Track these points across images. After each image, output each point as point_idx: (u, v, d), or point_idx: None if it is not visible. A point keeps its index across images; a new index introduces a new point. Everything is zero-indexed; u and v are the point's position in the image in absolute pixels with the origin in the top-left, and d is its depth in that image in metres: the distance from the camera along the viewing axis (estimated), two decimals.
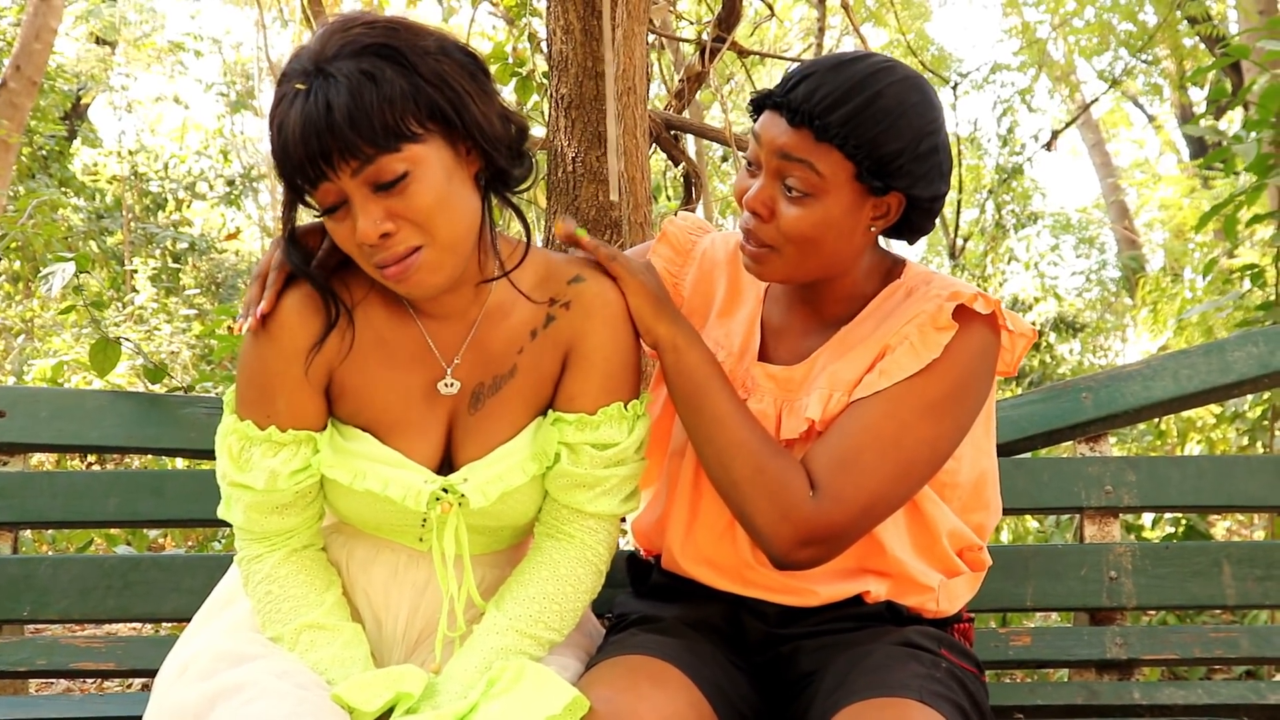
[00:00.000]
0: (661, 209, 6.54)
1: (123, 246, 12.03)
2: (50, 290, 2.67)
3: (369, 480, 1.56)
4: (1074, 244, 16.08)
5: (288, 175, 1.40)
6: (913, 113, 1.54)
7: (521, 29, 3.88)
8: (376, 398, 1.60)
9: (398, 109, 1.38)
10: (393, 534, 1.68)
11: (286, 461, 1.56)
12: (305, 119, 1.35)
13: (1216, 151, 3.98)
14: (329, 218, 1.44)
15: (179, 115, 20.49)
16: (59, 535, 4.69)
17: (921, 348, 1.57)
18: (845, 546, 1.56)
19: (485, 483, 1.59)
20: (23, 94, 10.33)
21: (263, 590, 1.62)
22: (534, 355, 1.62)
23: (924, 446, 1.56)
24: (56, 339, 8.01)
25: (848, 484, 1.52)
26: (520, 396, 1.63)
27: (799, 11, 12.93)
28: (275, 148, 1.39)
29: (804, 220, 1.56)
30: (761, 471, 1.54)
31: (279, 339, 1.54)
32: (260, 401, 1.56)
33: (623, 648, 1.66)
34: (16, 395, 2.25)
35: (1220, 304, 5.12)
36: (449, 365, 1.61)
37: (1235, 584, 2.18)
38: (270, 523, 1.61)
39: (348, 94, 1.35)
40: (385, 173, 1.38)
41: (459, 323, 1.61)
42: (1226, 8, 13.22)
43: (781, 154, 1.56)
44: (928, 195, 1.59)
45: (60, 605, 2.14)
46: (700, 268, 1.86)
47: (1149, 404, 2.25)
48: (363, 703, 1.48)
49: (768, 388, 1.70)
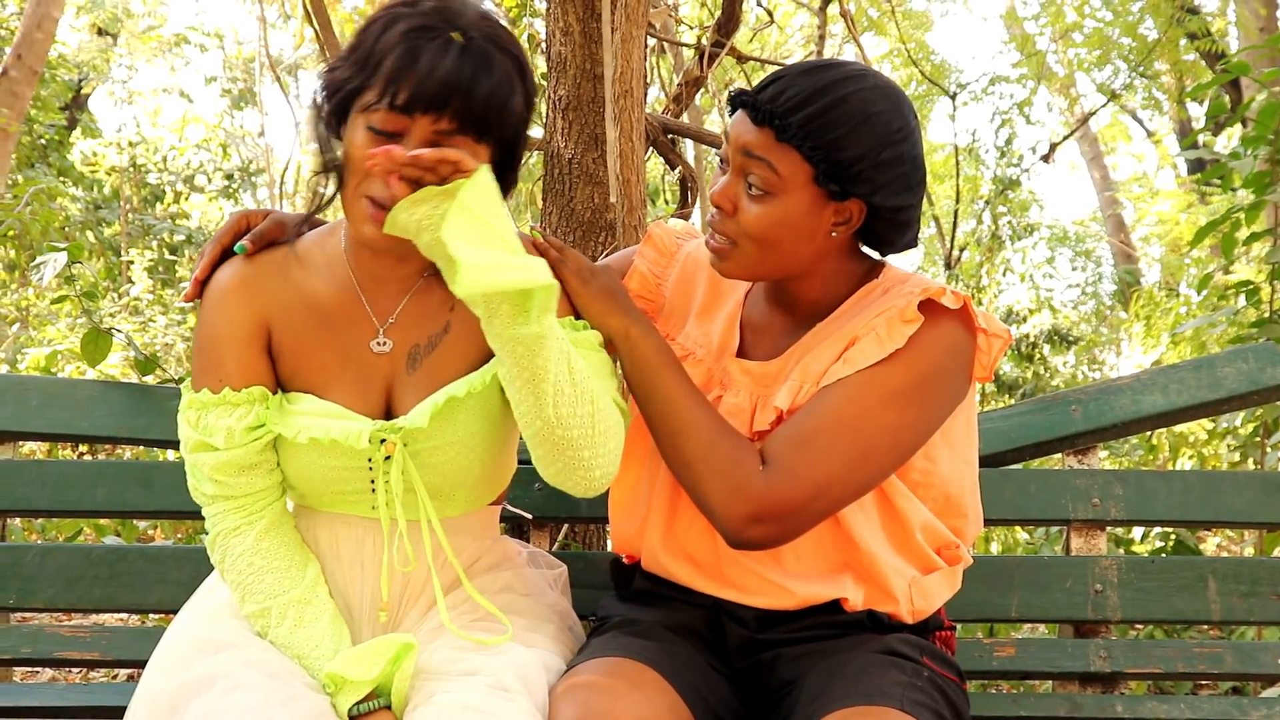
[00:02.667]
0: (659, 212, 6.55)
1: (120, 237, 12.03)
2: (43, 279, 2.67)
3: (313, 430, 1.60)
4: (1070, 256, 16.10)
5: (394, 86, 1.45)
6: (877, 120, 1.56)
7: (521, 30, 3.88)
8: (313, 356, 1.66)
9: (507, 125, 1.52)
10: (347, 505, 1.69)
11: (241, 418, 1.61)
12: (456, 70, 1.45)
13: (1214, 168, 3.99)
14: (369, 129, 1.48)
15: (179, 108, 20.50)
16: (48, 524, 4.69)
17: (886, 338, 1.58)
18: (799, 527, 1.57)
19: (423, 408, 1.62)
20: (23, 83, 10.32)
21: (244, 563, 1.64)
22: (465, 311, 1.61)
23: (884, 434, 1.57)
24: (51, 328, 8.00)
25: (800, 461, 1.54)
26: (458, 352, 1.67)
27: (800, 19, 12.93)
28: (400, 61, 1.45)
29: (763, 218, 1.59)
30: (712, 448, 1.57)
31: (221, 299, 1.64)
32: (212, 366, 1.63)
33: (601, 649, 1.67)
34: (7, 383, 2.25)
35: (1214, 320, 5.13)
36: (382, 325, 1.66)
37: (1221, 599, 2.18)
38: (239, 482, 1.64)
39: (497, 79, 1.48)
40: (454, 142, 1.47)
41: (397, 286, 1.67)
42: (1227, 24, 13.24)
43: (744, 151, 1.59)
44: (890, 205, 1.60)
45: (47, 594, 2.14)
46: (683, 270, 1.88)
47: (1138, 418, 2.25)
48: (360, 673, 1.52)
49: (743, 383, 1.71)
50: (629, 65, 2.34)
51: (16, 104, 10.24)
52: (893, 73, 14.04)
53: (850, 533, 1.65)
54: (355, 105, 1.50)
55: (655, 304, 1.88)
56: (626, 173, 2.33)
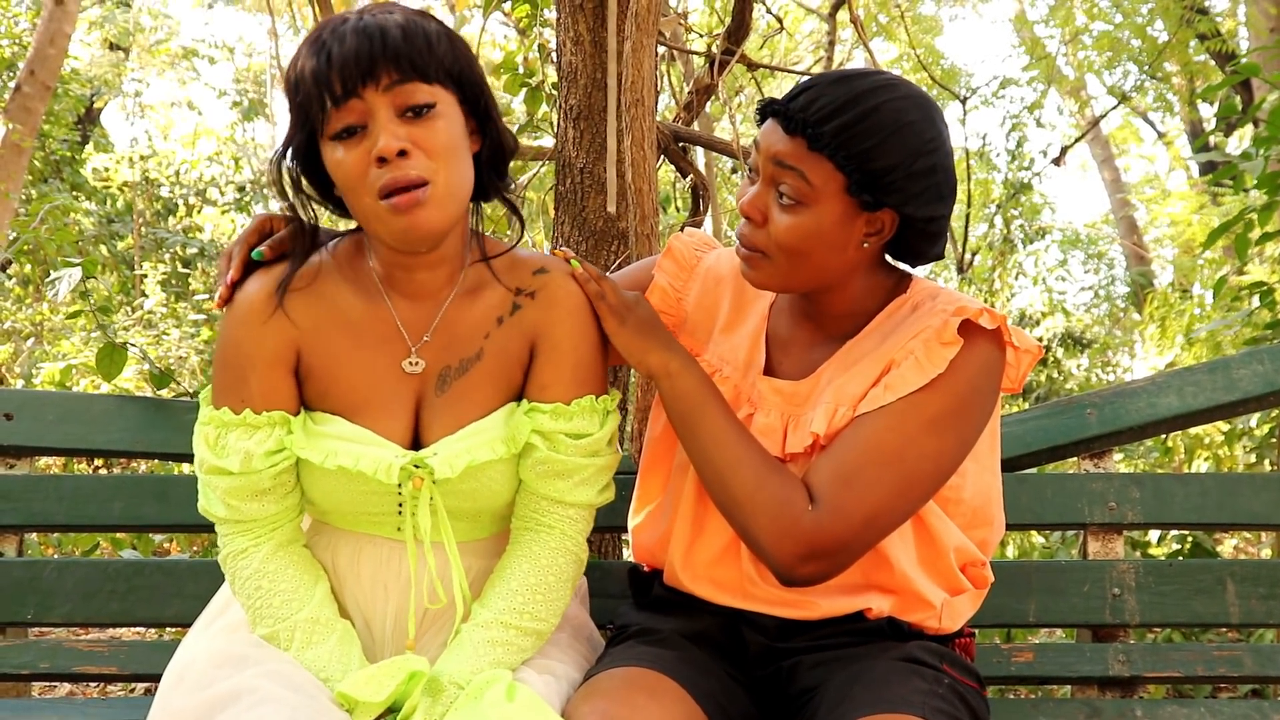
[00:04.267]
0: (670, 220, 6.54)
1: (133, 251, 12.06)
2: (58, 294, 2.68)
3: (341, 457, 1.59)
4: (1082, 259, 16.07)
5: (324, 85, 1.46)
6: (909, 130, 1.55)
7: (532, 39, 3.88)
8: (343, 377, 1.63)
9: (440, 50, 1.51)
10: (371, 525, 1.69)
11: (261, 442, 1.59)
12: (359, 34, 1.46)
13: (1225, 168, 3.98)
14: (341, 143, 1.49)
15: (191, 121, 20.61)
16: (64, 538, 4.70)
17: (926, 363, 1.57)
18: (849, 561, 1.56)
19: (453, 455, 1.61)
20: (36, 98, 10.39)
21: (251, 586, 1.64)
22: (500, 341, 1.66)
23: (927, 461, 1.56)
24: (65, 343, 8.02)
25: (849, 497, 1.52)
26: (489, 380, 1.67)
27: (809, 25, 12.94)
28: (316, 62, 1.47)
29: (794, 229, 1.57)
30: (761, 488, 1.55)
31: (249, 318, 1.60)
32: (235, 385, 1.61)
33: (619, 659, 1.66)
34: (24, 398, 2.26)
35: (1229, 321, 5.11)
36: (415, 345, 1.64)
37: (1240, 602, 2.17)
38: (250, 508, 1.63)
39: (403, 21, 1.48)
40: (417, 96, 1.48)
41: (429, 303, 1.65)
42: (1237, 24, 13.21)
43: (776, 161, 1.57)
44: (922, 215, 1.59)
45: (64, 608, 2.14)
46: (704, 283, 1.87)
47: (1154, 420, 2.24)
48: (370, 694, 1.51)
49: (774, 402, 1.70)
50: (639, 74, 2.33)
51: (30, 119, 10.30)
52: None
53: (885, 554, 1.64)
54: (320, 142, 1.52)
55: (677, 319, 1.87)
56: (639, 181, 2.32)
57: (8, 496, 2.17)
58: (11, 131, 10.03)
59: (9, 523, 2.18)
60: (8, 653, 2.12)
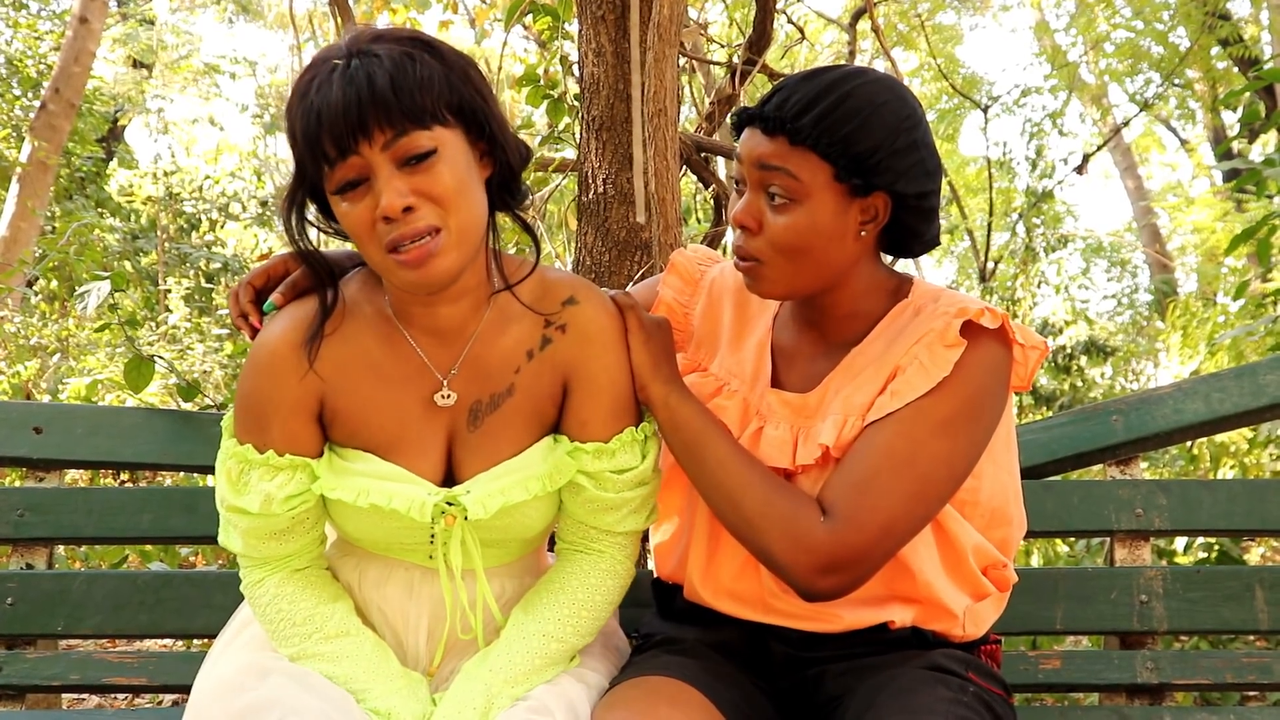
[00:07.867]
0: (692, 231, 6.55)
1: (157, 266, 12.14)
2: (86, 309, 2.71)
3: (373, 495, 1.57)
4: (1105, 267, 16.01)
5: (317, 147, 1.41)
6: (885, 110, 1.56)
7: (554, 52, 3.90)
8: (372, 419, 1.61)
9: (434, 90, 1.43)
10: (403, 553, 1.69)
11: (282, 486, 1.58)
12: (346, 89, 1.39)
13: (1248, 174, 3.97)
14: (343, 198, 1.45)
15: (213, 137, 20.71)
16: (92, 551, 4.72)
17: (931, 366, 1.57)
18: (869, 573, 1.55)
19: (486, 495, 1.60)
20: (61, 116, 10.48)
21: (272, 610, 1.64)
22: (531, 376, 1.64)
23: (940, 465, 1.55)
24: (91, 358, 8.08)
25: (863, 507, 1.52)
26: (521, 415, 1.65)
27: (830, 35, 12.95)
28: (305, 122, 1.42)
29: (791, 228, 1.58)
30: (771, 505, 1.54)
31: (272, 369, 1.57)
32: (256, 427, 1.58)
33: (643, 668, 1.67)
34: (53, 412, 2.27)
35: (1252, 328, 5.09)
36: (445, 378, 1.62)
37: (1269, 609, 2.15)
38: (269, 548, 1.63)
39: (391, 67, 1.40)
40: (415, 146, 1.42)
41: (454, 338, 1.62)
42: (1260, 30, 13.16)
43: (760, 164, 1.58)
44: (914, 191, 1.59)
45: (93, 620, 2.15)
46: (709, 297, 1.87)
47: (1180, 427, 2.23)
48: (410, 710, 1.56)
49: (783, 414, 1.69)
50: (662, 84, 2.34)
51: (55, 137, 10.39)
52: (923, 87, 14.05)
53: (907, 563, 1.64)
54: (327, 194, 1.48)
55: (684, 333, 1.87)
56: (661, 192, 2.33)
57: (37, 509, 2.19)
58: (37, 149, 10.12)
59: (39, 535, 2.19)
60: (38, 665, 2.14)
